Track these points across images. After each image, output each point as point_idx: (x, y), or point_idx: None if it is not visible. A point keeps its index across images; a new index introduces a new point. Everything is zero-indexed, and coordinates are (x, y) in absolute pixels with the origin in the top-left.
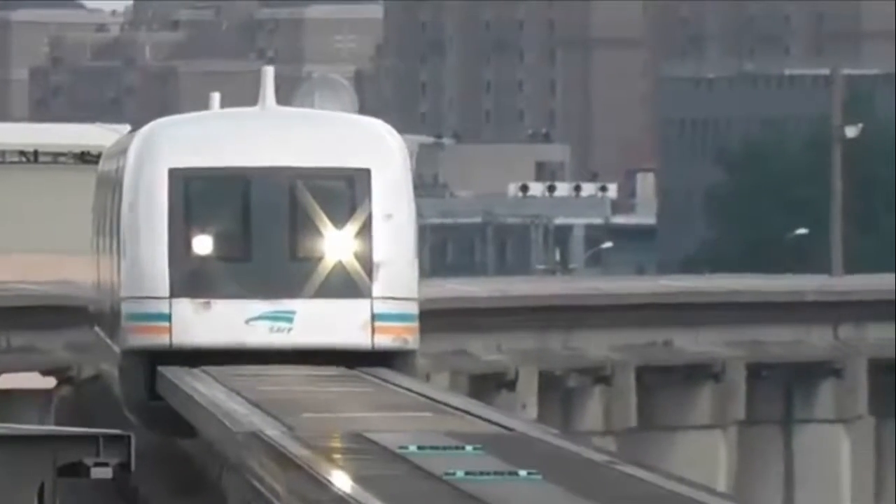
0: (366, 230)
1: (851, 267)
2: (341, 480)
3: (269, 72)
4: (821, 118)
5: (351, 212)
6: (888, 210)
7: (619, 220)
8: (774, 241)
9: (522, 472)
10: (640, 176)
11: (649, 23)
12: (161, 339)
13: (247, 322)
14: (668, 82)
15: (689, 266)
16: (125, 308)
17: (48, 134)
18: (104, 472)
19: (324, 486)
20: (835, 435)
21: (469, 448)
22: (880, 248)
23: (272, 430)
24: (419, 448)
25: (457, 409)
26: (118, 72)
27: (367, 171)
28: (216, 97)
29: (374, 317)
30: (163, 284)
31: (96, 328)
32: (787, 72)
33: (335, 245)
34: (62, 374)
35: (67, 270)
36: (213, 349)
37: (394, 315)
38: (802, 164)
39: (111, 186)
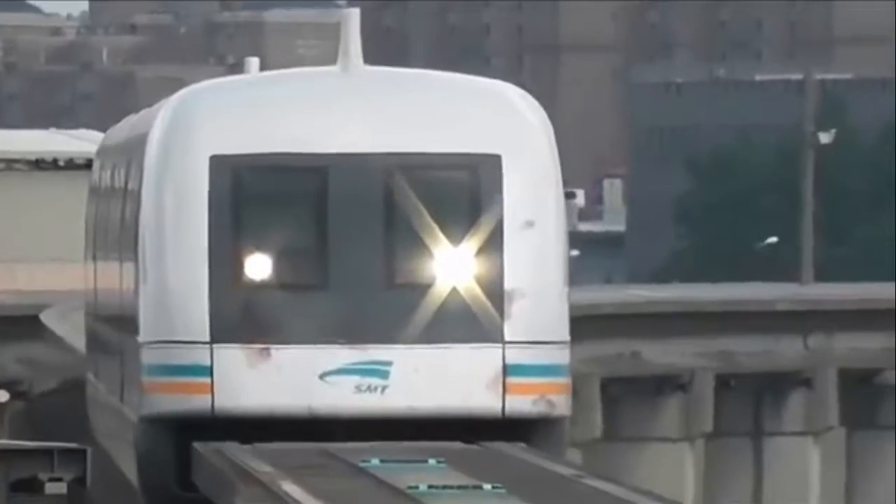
0: (495, 244)
1: (822, 276)
2: (303, 496)
3: (353, 16)
4: (793, 124)
5: (473, 218)
6: (860, 218)
7: (587, 227)
8: (745, 250)
9: (487, 486)
10: (607, 182)
11: (619, 28)
12: (198, 403)
13: (322, 378)
14: (638, 88)
15: (658, 275)
16: (146, 357)
17: (2, 140)
18: (59, 488)
19: (285, 502)
20: (804, 447)
21: (432, 462)
22: (851, 256)
23: (233, 446)
24: (382, 462)
25: None
26: (74, 76)
27: (497, 159)
28: (255, 62)
29: (506, 370)
30: (201, 324)
31: (94, 380)
32: (759, 77)
33: (450, 267)
34: (15, 387)
35: (21, 280)
36: (273, 416)
37: (535, 367)
38: (773, 172)
39: (120, 185)
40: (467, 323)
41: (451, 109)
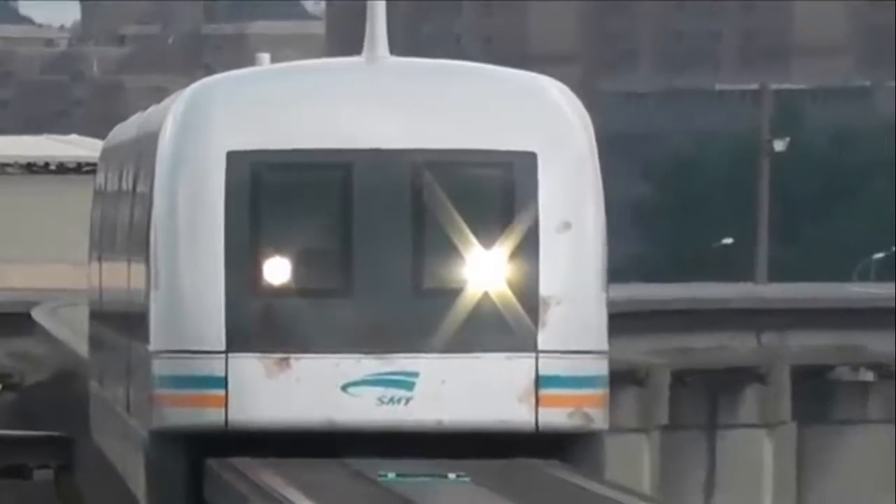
0: (529, 248)
1: (774, 275)
2: (276, 483)
3: (379, 4)
4: (750, 132)
5: (506, 219)
6: (812, 221)
7: None
8: (700, 251)
9: (451, 475)
10: None
11: (582, 38)
12: (212, 416)
13: (344, 389)
14: (599, 97)
15: (618, 276)
16: (157, 368)
17: None
18: (46, 475)
19: (258, 489)
20: (758, 440)
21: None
22: (803, 257)
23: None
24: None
25: None
26: (66, 85)
27: (533, 157)
28: (265, 58)
29: (540, 381)
30: (216, 332)
31: (99, 388)
32: (718, 87)
33: (481, 271)
34: (7, 380)
35: (14, 279)
36: (291, 430)
37: (571, 379)
38: (730, 177)
39: (129, 184)
40: (499, 331)
41: (484, 103)
